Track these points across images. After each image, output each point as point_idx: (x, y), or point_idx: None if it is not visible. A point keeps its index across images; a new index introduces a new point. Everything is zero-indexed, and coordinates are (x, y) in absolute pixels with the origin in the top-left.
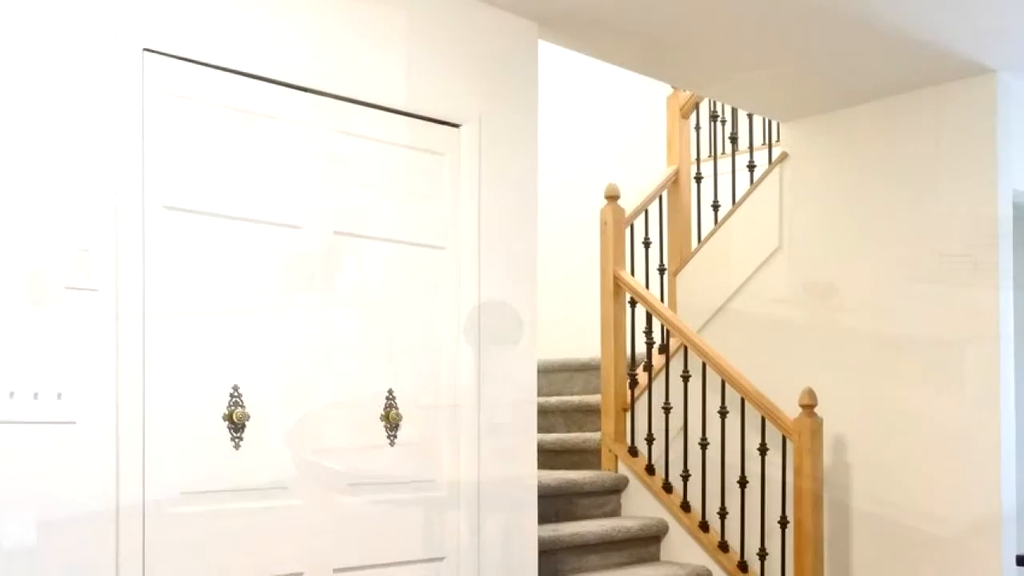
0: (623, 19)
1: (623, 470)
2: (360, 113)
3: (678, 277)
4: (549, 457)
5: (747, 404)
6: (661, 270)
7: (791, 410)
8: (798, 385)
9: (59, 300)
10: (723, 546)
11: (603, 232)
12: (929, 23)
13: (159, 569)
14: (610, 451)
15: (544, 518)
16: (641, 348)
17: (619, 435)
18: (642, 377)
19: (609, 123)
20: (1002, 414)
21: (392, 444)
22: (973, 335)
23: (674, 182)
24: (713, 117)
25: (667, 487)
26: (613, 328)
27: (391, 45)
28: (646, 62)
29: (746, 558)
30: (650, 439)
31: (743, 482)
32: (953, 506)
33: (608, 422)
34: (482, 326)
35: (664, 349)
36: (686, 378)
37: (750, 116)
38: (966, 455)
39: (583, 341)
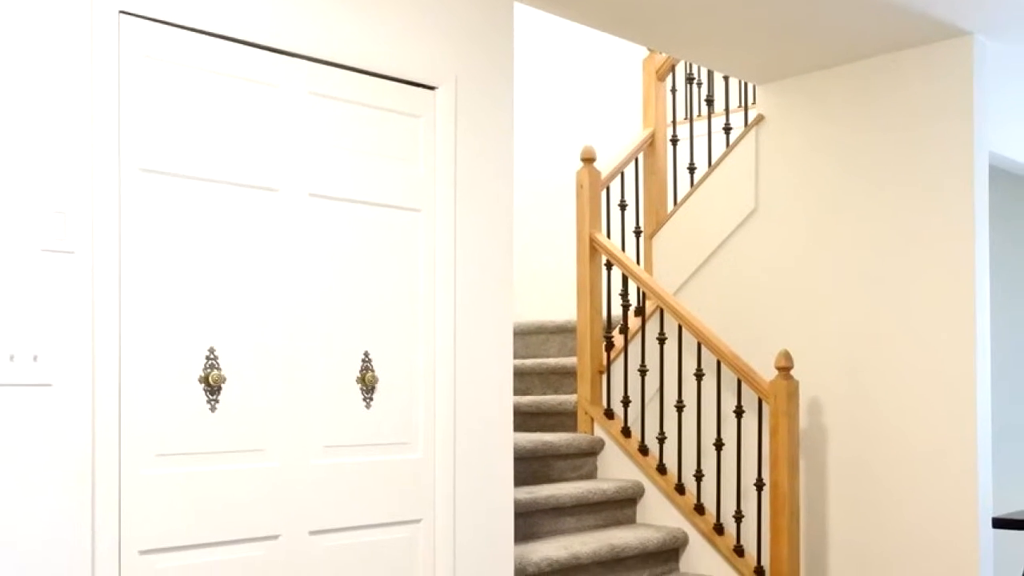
0: None
1: (599, 432)
2: (336, 76)
3: (654, 239)
4: (525, 419)
5: (723, 366)
6: (637, 232)
7: (767, 372)
8: (774, 347)
9: (35, 263)
10: (699, 508)
11: (579, 194)
12: None
13: (135, 531)
14: (586, 413)
15: (520, 480)
16: (617, 310)
17: (595, 397)
18: (618, 339)
19: (585, 86)
20: (977, 375)
21: (368, 406)
22: (949, 296)
23: (650, 145)
24: (689, 80)
25: (643, 449)
26: (589, 290)
27: (366, 7)
28: (621, 24)
29: (722, 520)
30: (626, 401)
31: (719, 444)
32: (929, 469)
33: (584, 384)
34: (458, 288)
35: (640, 311)
36: (662, 340)
37: (726, 79)
38: (942, 417)
39: (559, 303)
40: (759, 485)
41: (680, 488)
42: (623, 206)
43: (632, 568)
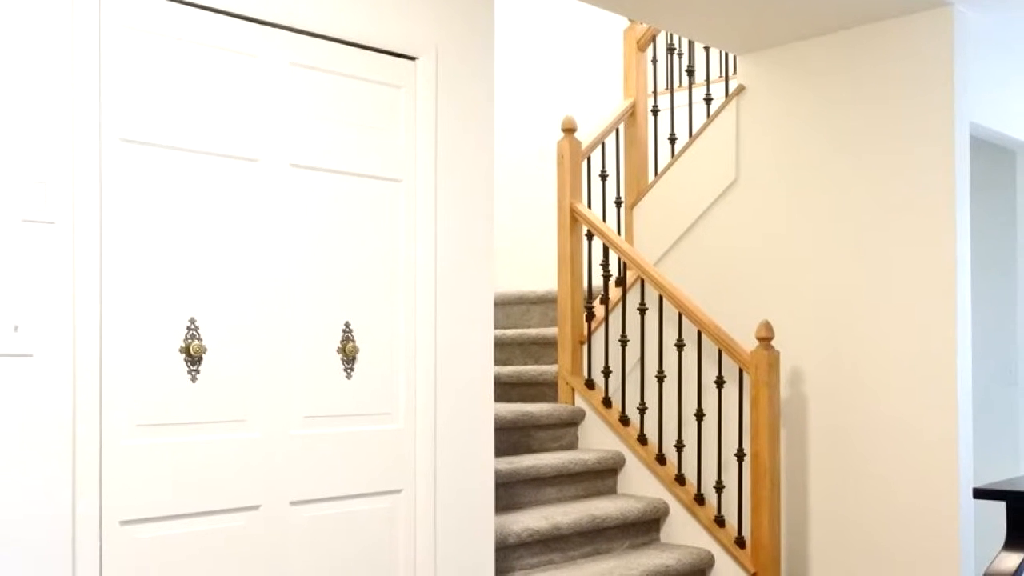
0: None
1: (580, 403)
2: (316, 46)
3: (635, 210)
4: (506, 390)
5: (704, 337)
6: (618, 203)
7: (748, 343)
8: (755, 318)
9: (16, 233)
10: (680, 479)
11: (560, 165)
12: None
13: (116, 501)
14: (567, 384)
15: (501, 451)
16: (598, 281)
17: (576, 368)
18: (599, 310)
19: (566, 56)
20: (958, 346)
21: (349, 377)
22: (930, 266)
23: (631, 115)
24: (670, 50)
25: (624, 420)
26: (570, 261)
27: None
28: None
29: (703, 491)
30: (607, 372)
31: (700, 415)
32: (910, 439)
33: (565, 355)
34: (439, 258)
35: (621, 282)
36: (643, 311)
37: (707, 49)
38: (923, 387)
39: (540, 274)
40: (740, 455)
41: (661, 459)
42: (604, 176)
43: (613, 538)
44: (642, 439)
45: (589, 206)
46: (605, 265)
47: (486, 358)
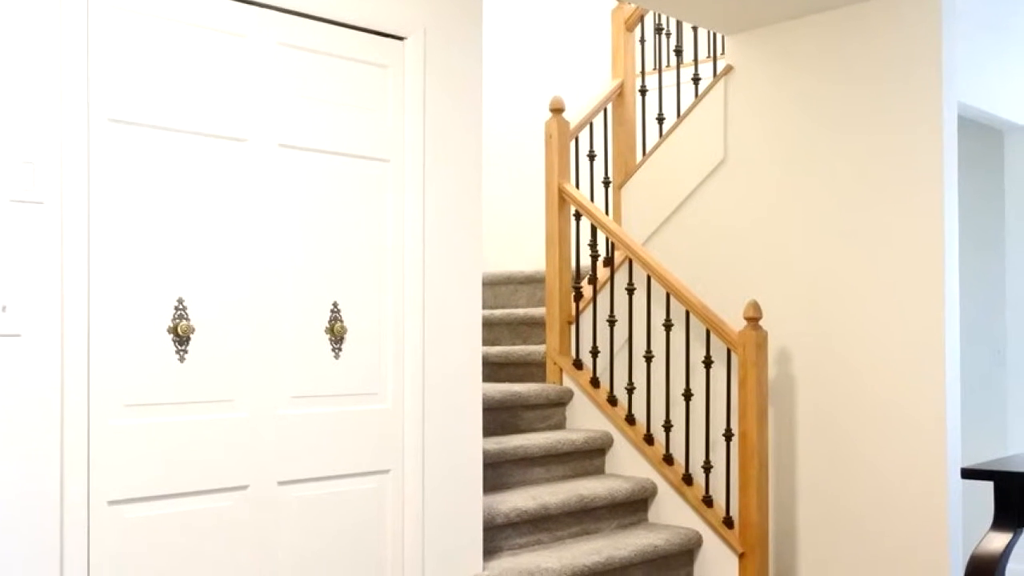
0: None
1: (568, 383)
2: (304, 26)
3: (623, 190)
4: (494, 370)
5: (692, 317)
6: (606, 183)
7: (736, 323)
8: (743, 298)
9: (4, 213)
10: (668, 459)
11: (548, 145)
12: None
13: (104, 481)
14: (555, 364)
15: (489, 431)
16: (586, 261)
17: (564, 348)
18: (587, 290)
19: (554, 36)
20: (946, 326)
21: (337, 357)
22: (917, 246)
23: (619, 95)
24: (658, 30)
25: (612, 400)
26: (558, 241)
27: None
28: None
29: (691, 471)
30: (595, 352)
31: (688, 395)
32: (899, 419)
33: (553, 335)
34: (427, 238)
35: (609, 262)
36: (631, 291)
37: (695, 29)
38: (911, 367)
39: (528, 254)
40: (728, 435)
41: (649, 438)
42: (592, 156)
43: (601, 518)
44: (630, 419)
45: (577, 186)
46: (593, 245)
47: (474, 338)
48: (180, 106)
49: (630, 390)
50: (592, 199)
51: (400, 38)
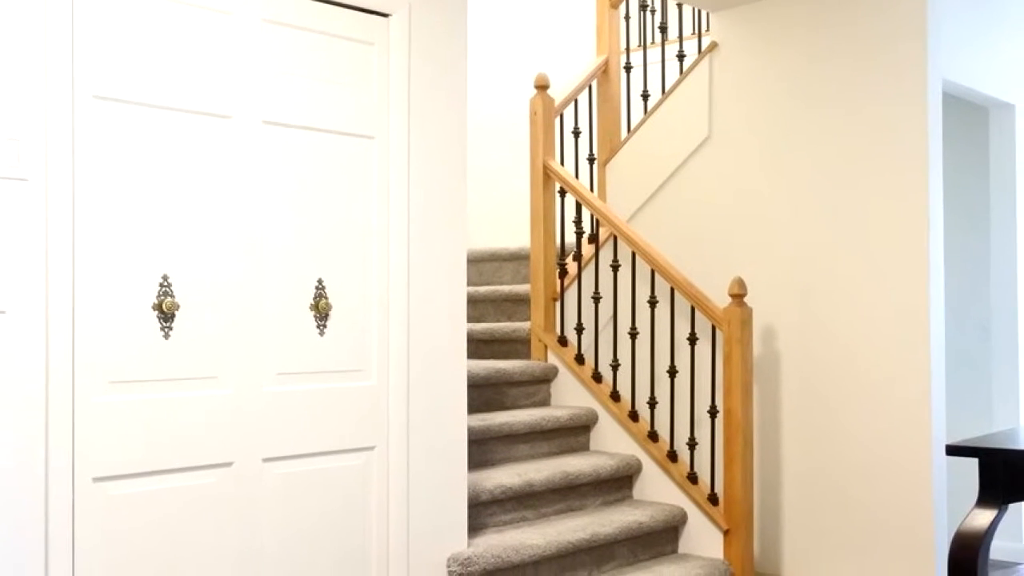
0: None
1: (552, 360)
2: (289, 2)
3: (608, 167)
4: (479, 346)
5: (677, 294)
6: (591, 160)
7: (721, 300)
8: (728, 275)
9: None
10: (653, 436)
11: (532, 122)
12: None
13: (88, 458)
14: (540, 341)
15: (474, 408)
16: (571, 238)
17: (548, 325)
18: (572, 267)
19: (538, 13)
20: (930, 303)
21: (322, 334)
22: (902, 224)
23: (604, 72)
24: (642, 7)
25: (596, 377)
26: (543, 218)
27: None
28: None
29: (675, 447)
30: (579, 329)
31: (672, 372)
32: (883, 395)
33: (537, 312)
34: (411, 215)
35: (594, 239)
36: (616, 268)
37: (679, 6)
38: (896, 344)
39: (513, 230)
40: (712, 412)
41: (634, 415)
42: (577, 133)
43: (586, 495)
44: (615, 396)
45: (562, 163)
46: (578, 222)
47: (459, 315)
48: (165, 83)
49: (615, 367)
50: (577, 176)
51: (385, 15)
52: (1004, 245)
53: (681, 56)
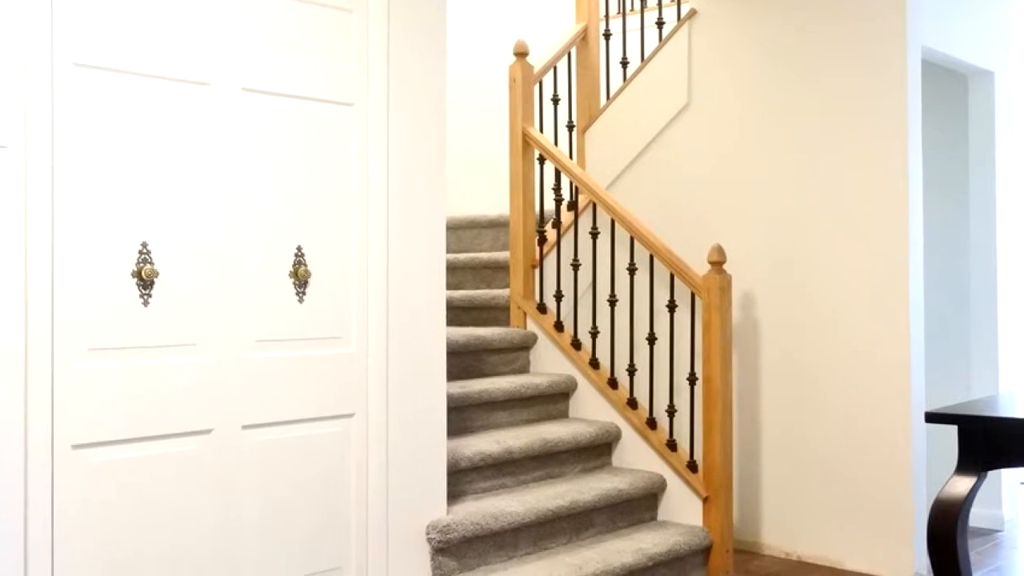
0: None
1: (532, 327)
2: None
3: (587, 134)
4: (458, 314)
5: (656, 261)
6: (570, 127)
7: (700, 267)
8: (707, 242)
9: None
10: (632, 403)
11: (512, 89)
12: None
13: (68, 425)
14: (519, 308)
15: (453, 375)
16: (550, 205)
17: (528, 292)
18: (551, 234)
19: None
20: (910, 271)
21: (301, 301)
22: (882, 192)
23: (583, 39)
24: None
25: (576, 344)
26: (522, 185)
27: None
28: None
29: (655, 415)
30: (559, 296)
31: (652, 339)
32: (863, 363)
33: (517, 279)
34: (391, 183)
35: (573, 206)
36: (595, 235)
37: None
38: (875, 312)
39: (492, 198)
40: (692, 380)
41: (613, 383)
42: (556, 100)
43: (565, 462)
44: (594, 363)
45: (541, 130)
46: (557, 189)
47: (438, 282)
48: (145, 50)
49: (594, 334)
50: (556, 143)
51: None
52: (983, 212)
53: (660, 23)
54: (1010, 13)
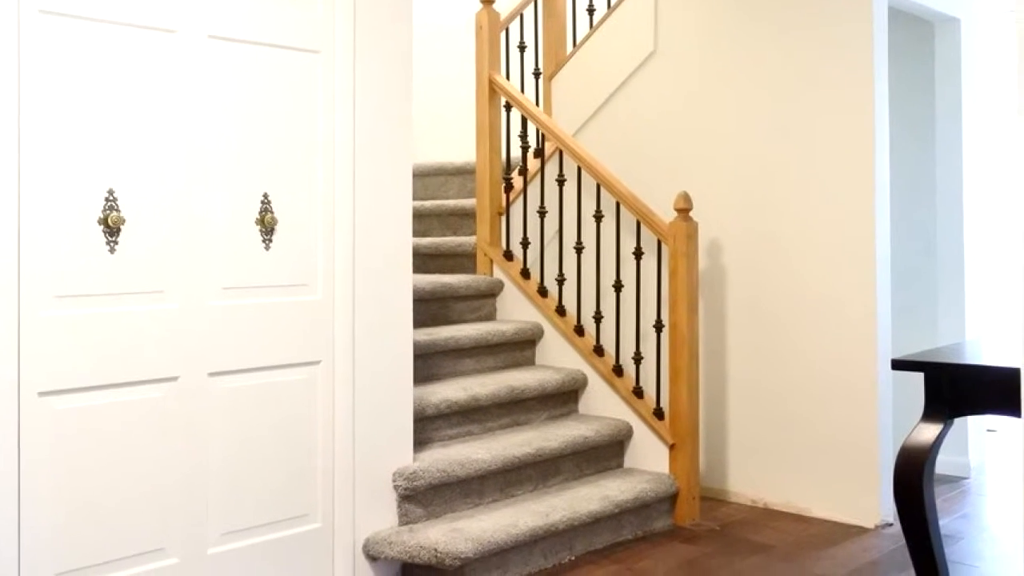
0: None
1: (498, 274)
2: None
3: (553, 81)
4: (424, 261)
5: (622, 208)
6: (536, 74)
7: (666, 214)
8: (673, 189)
9: None
10: (598, 350)
11: (478, 36)
12: None
13: (34, 373)
14: (485, 255)
15: (419, 322)
16: (516, 152)
17: (494, 239)
18: (517, 181)
19: None
20: (876, 218)
21: (268, 248)
22: (848, 139)
23: None
24: None
25: (542, 291)
26: (488, 132)
27: None
28: None
29: (621, 362)
30: (525, 243)
31: (618, 286)
32: (829, 310)
33: (483, 226)
34: (357, 130)
35: (539, 153)
36: (561, 182)
37: None
38: (842, 259)
39: (458, 145)
40: (658, 327)
41: (579, 330)
42: (522, 48)
43: (531, 409)
44: (560, 310)
45: (508, 77)
46: (524, 136)
47: (404, 229)
48: None
49: (560, 281)
50: (523, 90)
51: None
52: (949, 160)
53: None
54: None
